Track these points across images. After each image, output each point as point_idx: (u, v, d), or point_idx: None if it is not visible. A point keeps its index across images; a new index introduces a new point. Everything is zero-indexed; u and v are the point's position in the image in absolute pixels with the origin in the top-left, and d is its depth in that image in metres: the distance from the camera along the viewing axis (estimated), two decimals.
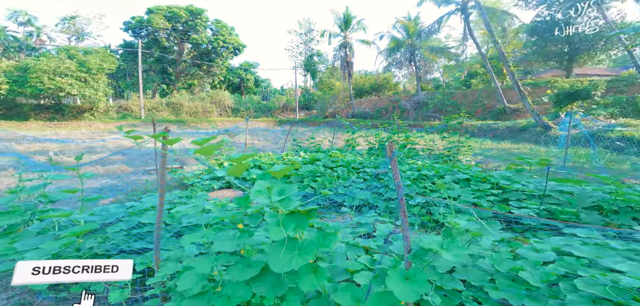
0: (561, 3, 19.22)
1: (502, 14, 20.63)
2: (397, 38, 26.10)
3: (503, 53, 13.65)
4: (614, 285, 1.46)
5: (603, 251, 1.91)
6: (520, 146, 11.75)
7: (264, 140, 13.74)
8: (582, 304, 1.47)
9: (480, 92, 23.98)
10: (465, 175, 4.06)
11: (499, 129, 16.10)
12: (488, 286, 1.75)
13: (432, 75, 33.89)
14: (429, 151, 6.87)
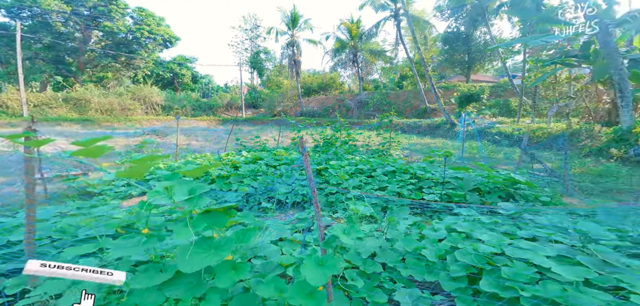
0: (464, 17, 22.87)
1: (424, 23, 23.45)
2: (342, 39, 27.18)
3: (423, 58, 15.63)
4: (476, 253, 1.87)
5: (475, 225, 2.38)
6: (437, 141, 13.61)
7: (203, 140, 12.69)
8: (459, 271, 1.80)
9: (409, 93, 26.57)
10: (392, 168, 4.57)
11: (422, 126, 18.29)
12: (400, 266, 1.98)
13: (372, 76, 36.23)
14: (367, 147, 7.45)
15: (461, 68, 27.21)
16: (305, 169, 1.19)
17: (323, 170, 3.93)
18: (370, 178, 4.20)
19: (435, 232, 2.35)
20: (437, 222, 2.64)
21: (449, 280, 1.82)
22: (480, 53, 24.84)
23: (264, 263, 1.82)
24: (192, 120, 22.84)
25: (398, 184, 4.08)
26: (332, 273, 1.04)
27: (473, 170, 4.38)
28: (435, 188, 3.99)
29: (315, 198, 1.23)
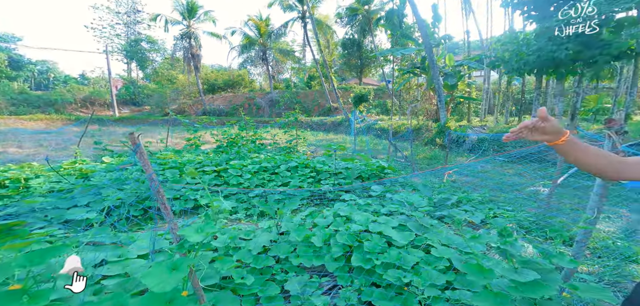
0: (357, 26, 26.16)
1: (327, 27, 25.32)
2: (250, 36, 25.72)
3: (325, 61, 16.98)
4: (349, 233, 2.20)
5: (353, 209, 2.82)
6: (338, 136, 15.17)
7: (34, 146, 9.24)
8: (338, 252, 2.01)
9: (316, 93, 28.12)
10: (295, 164, 4.75)
11: (327, 124, 19.85)
12: (292, 256, 2.05)
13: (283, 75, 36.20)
14: (275, 145, 7.42)
15: (356, 71, 30.57)
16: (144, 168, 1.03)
17: (222, 170, 3.63)
18: (275, 175, 4.22)
19: (324, 219, 2.52)
20: (328, 209, 2.93)
21: (332, 261, 2.02)
22: (368, 59, 28.82)
23: (118, 283, 1.48)
24: (12, 119, 16.14)
25: (300, 178, 4.29)
26: (183, 275, 0.96)
27: (358, 161, 5.14)
28: (330, 179, 4.43)
29: (162, 198, 1.09)
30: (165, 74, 27.25)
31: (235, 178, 3.39)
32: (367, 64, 29.38)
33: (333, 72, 30.43)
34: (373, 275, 1.86)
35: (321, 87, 24.00)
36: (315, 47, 22.31)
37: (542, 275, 1.13)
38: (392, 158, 7.00)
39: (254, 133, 6.11)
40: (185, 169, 3.52)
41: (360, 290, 1.80)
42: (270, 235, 2.20)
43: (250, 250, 1.94)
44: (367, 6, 21.49)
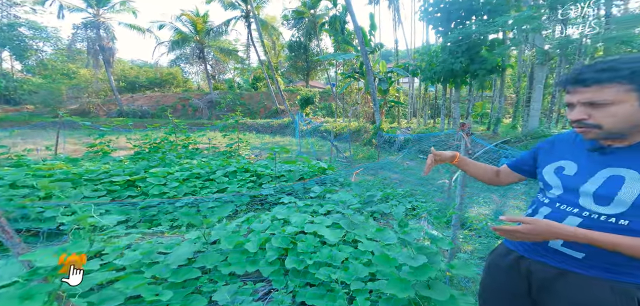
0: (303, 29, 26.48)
1: (272, 29, 24.81)
2: (184, 32, 23.05)
3: (270, 62, 16.62)
4: (283, 236, 2.22)
5: (291, 211, 2.86)
6: (285, 139, 15.04)
7: None
8: (273, 256, 1.99)
9: (262, 95, 27.45)
10: (233, 168, 4.48)
11: (274, 126, 19.52)
12: (222, 265, 1.94)
13: (226, 75, 33.89)
14: (214, 149, 6.83)
15: (303, 74, 31.08)
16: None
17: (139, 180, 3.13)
18: (209, 181, 3.89)
19: (261, 224, 2.45)
20: (266, 214, 2.87)
21: (267, 266, 1.99)
22: (314, 62, 29.56)
23: None
24: None
25: (238, 184, 4.07)
26: (39, 303, 0.81)
27: (300, 163, 5.21)
28: (272, 183, 4.35)
29: None
30: (58, 68, 21.56)
31: (157, 187, 2.96)
32: (313, 67, 30.06)
33: (280, 74, 30.12)
34: (307, 275, 1.92)
35: (267, 88, 23.42)
36: (261, 48, 21.56)
37: (429, 258, 1.38)
38: (334, 159, 7.36)
39: (186, 137, 5.46)
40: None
41: (294, 291, 1.83)
42: (195, 246, 2.02)
43: (168, 264, 1.73)
44: (313, 10, 22.03)
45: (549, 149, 0.90)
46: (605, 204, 0.71)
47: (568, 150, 0.83)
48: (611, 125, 0.68)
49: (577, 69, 0.72)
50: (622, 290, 0.69)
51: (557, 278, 0.77)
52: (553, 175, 0.83)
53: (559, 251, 0.77)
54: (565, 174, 0.80)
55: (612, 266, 0.70)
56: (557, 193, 0.81)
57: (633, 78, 0.64)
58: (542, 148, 0.93)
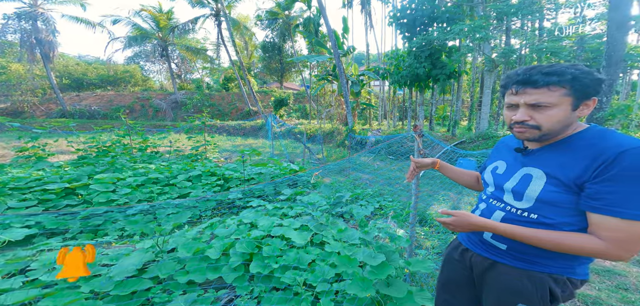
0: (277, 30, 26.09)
1: (245, 28, 24.03)
2: (144, 28, 21.21)
3: (242, 63, 16.07)
4: (249, 240, 2.14)
5: (259, 214, 2.78)
6: (258, 141, 14.62)
7: None
8: (237, 261, 1.92)
9: (234, 96, 26.52)
10: (198, 172, 4.22)
11: (246, 128, 18.93)
12: (179, 274, 1.80)
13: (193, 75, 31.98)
14: (177, 152, 6.38)
15: (277, 75, 30.67)
16: None
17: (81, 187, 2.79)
18: (169, 186, 3.61)
19: (226, 229, 2.35)
20: (232, 218, 2.75)
21: (231, 272, 1.90)
22: (289, 64, 29.34)
23: None
24: None
25: (204, 188, 3.85)
26: None
27: (271, 165, 5.10)
28: (241, 186, 4.19)
29: None
30: None
31: (103, 195, 2.65)
32: (288, 68, 29.84)
33: (253, 74, 29.36)
34: (273, 279, 1.87)
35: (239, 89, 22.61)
36: (232, 48, 20.71)
37: (388, 256, 1.43)
38: (306, 161, 7.35)
39: (143, 140, 5.00)
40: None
41: (260, 296, 1.77)
42: (147, 256, 1.85)
43: (111, 277, 1.56)
44: (287, 12, 21.84)
45: (494, 151, 0.98)
46: (519, 199, 0.78)
47: (504, 151, 0.91)
48: (548, 127, 0.72)
49: (525, 71, 0.73)
50: (538, 278, 0.76)
51: (489, 268, 0.84)
52: (490, 174, 0.91)
53: (490, 243, 0.84)
54: (497, 173, 0.88)
55: (529, 257, 0.77)
56: (491, 191, 0.88)
57: (573, 83, 0.68)
58: (492, 151, 1.01)
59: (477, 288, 0.90)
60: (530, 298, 0.75)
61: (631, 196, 0.62)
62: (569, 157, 0.71)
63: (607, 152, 0.65)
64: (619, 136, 0.67)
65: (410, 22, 9.17)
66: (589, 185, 0.67)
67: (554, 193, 0.71)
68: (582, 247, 0.67)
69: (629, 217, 0.62)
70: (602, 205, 0.65)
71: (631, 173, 0.62)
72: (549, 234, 0.70)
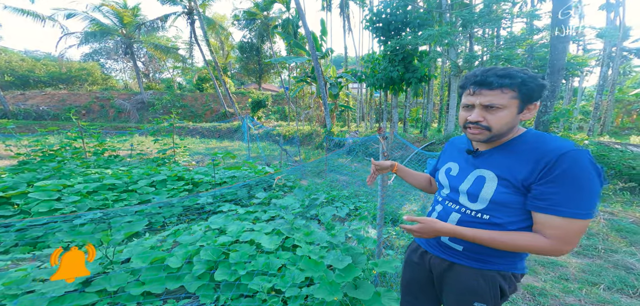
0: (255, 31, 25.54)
1: (220, 28, 23.17)
2: (105, 24, 19.54)
3: (218, 63, 15.45)
4: (214, 247, 2.02)
5: (229, 220, 2.65)
6: (235, 143, 14.13)
7: None
8: (201, 269, 1.81)
9: (208, 97, 25.47)
10: (163, 176, 3.94)
11: (222, 130, 18.28)
12: (132, 286, 1.64)
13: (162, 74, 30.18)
14: (141, 156, 5.93)
15: (255, 76, 30.12)
16: None
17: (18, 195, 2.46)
18: (128, 193, 3.31)
19: (191, 236, 2.22)
20: (199, 224, 2.59)
21: (194, 280, 1.79)
22: (267, 65, 28.89)
23: None
24: None
25: (169, 193, 3.60)
26: None
27: (245, 169, 4.93)
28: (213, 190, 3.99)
29: None
30: None
31: (44, 203, 2.34)
32: (266, 70, 29.45)
33: (229, 75, 28.51)
34: (240, 286, 1.78)
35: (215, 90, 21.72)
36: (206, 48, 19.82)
37: (355, 259, 1.43)
38: (284, 164, 7.24)
39: (99, 143, 4.55)
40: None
41: (225, 304, 1.68)
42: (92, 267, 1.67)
43: (44, 293, 1.37)
44: (266, 12, 21.48)
45: (444, 152, 1.01)
46: (474, 201, 0.80)
47: (455, 153, 0.93)
48: (497, 129, 0.75)
49: (482, 72, 0.75)
50: (490, 277, 0.80)
51: (447, 269, 0.87)
52: (444, 175, 0.92)
53: (447, 244, 0.87)
54: (451, 175, 0.89)
55: (482, 256, 0.81)
56: (446, 192, 0.90)
57: (521, 87, 0.71)
58: (442, 151, 1.03)
59: (437, 289, 0.92)
60: (485, 296, 0.79)
61: (571, 196, 0.66)
62: (515, 159, 0.74)
63: (549, 155, 0.68)
64: (556, 139, 0.71)
65: (385, 26, 9.49)
66: (534, 187, 0.70)
67: (505, 194, 0.74)
68: (530, 245, 0.71)
69: (570, 215, 0.66)
70: (547, 205, 0.68)
71: (570, 174, 0.66)
72: (504, 235, 0.73)
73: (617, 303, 1.81)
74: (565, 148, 0.68)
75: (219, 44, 27.10)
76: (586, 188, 0.65)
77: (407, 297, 1.02)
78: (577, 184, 0.65)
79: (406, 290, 1.02)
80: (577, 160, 0.66)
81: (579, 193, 0.66)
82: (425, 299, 0.97)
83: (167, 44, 24.69)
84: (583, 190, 0.65)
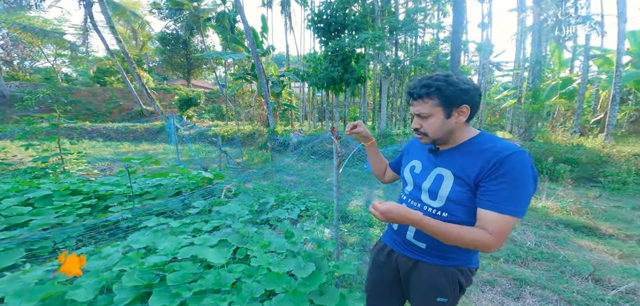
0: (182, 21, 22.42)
1: (132, 15, 19.29)
2: None
3: (127, 53, 12.77)
4: (143, 270, 1.62)
5: (157, 236, 2.18)
6: (158, 146, 12.06)
7: None
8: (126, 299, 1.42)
9: (114, 92, 21.08)
10: (46, 191, 2.96)
11: (138, 131, 15.48)
12: None
13: (38, 62, 23.27)
14: (6, 166, 4.32)
15: (182, 72, 26.81)
16: None
17: None
18: None
19: (105, 260, 1.77)
20: (115, 245, 2.06)
21: None
22: (198, 60, 25.97)
23: None
24: None
25: (57, 212, 2.72)
26: None
27: (176, 175, 4.22)
28: (129, 204, 3.23)
29: None
30: None
31: None
32: (197, 65, 26.53)
33: (146, 69, 24.38)
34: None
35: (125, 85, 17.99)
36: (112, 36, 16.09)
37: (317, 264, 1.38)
38: (224, 167, 6.58)
39: None
40: None
41: None
42: None
43: None
44: (196, 3, 19.10)
45: (408, 150, 1.04)
46: (434, 199, 0.83)
47: (419, 151, 0.96)
48: (432, 133, 0.81)
49: (412, 85, 0.82)
50: (450, 273, 0.85)
51: (412, 268, 0.90)
52: (408, 173, 0.95)
53: (411, 242, 0.89)
54: (415, 172, 0.92)
55: (444, 253, 0.85)
56: (409, 190, 0.93)
57: (438, 94, 0.76)
58: (405, 149, 1.06)
59: (404, 287, 0.96)
60: (446, 291, 0.85)
61: (510, 194, 0.70)
62: (468, 159, 0.79)
63: (498, 155, 0.73)
64: (504, 141, 0.78)
65: (325, 27, 9.84)
66: (482, 184, 0.75)
67: (460, 192, 0.78)
68: (475, 240, 0.73)
69: (508, 213, 0.70)
70: (490, 202, 0.72)
71: (512, 175, 0.71)
72: (452, 228, 0.74)
73: (513, 272, 2.29)
74: (511, 150, 0.73)
75: (130, 32, 22.88)
76: (523, 189, 0.71)
77: (375, 299, 1.03)
78: (516, 184, 0.71)
79: (373, 291, 1.03)
80: (520, 162, 0.72)
81: (517, 193, 0.71)
82: (391, 297, 0.99)
83: (44, 26, 18.92)
84: (520, 191, 0.71)
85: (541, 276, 2.25)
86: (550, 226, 3.33)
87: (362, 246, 2.56)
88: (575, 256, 2.58)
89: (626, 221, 3.48)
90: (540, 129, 8.04)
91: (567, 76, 9.75)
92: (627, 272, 2.30)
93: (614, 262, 2.50)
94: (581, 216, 3.57)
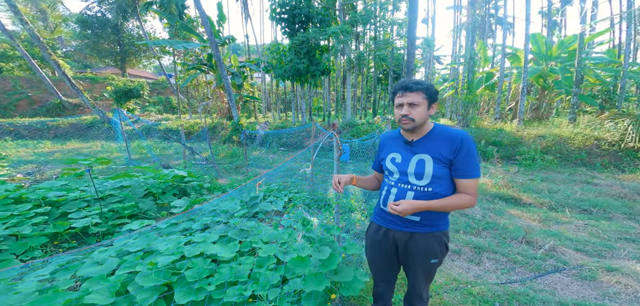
0: (112, 4, 19.10)
1: None
2: None
3: (38, 37, 10.38)
4: (157, 270, 1.61)
5: (151, 238, 2.11)
6: (92, 144, 10.43)
7: None
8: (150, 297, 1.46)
9: (17, 82, 17.29)
10: None
11: (61, 127, 13.01)
12: None
13: None
14: None
15: (113, 59, 23.02)
16: None
17: None
18: None
19: (100, 265, 1.72)
20: (101, 251, 1.93)
21: None
22: (134, 47, 22.65)
23: None
24: None
25: (5, 222, 2.34)
26: None
27: (142, 174, 3.86)
28: (93, 208, 2.90)
29: None
30: None
31: None
32: (135, 53, 23.13)
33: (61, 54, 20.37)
34: (212, 302, 1.54)
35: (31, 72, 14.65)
36: (11, 13, 12.71)
37: (331, 247, 1.60)
38: (190, 164, 6.16)
39: None
40: None
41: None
42: None
43: None
44: None
45: (383, 146, 1.28)
46: (420, 179, 1.10)
47: (394, 145, 1.21)
48: (418, 119, 1.08)
49: (407, 82, 1.11)
50: (438, 237, 1.13)
51: (409, 239, 1.15)
52: (391, 163, 1.18)
53: (408, 219, 1.15)
54: (397, 162, 1.16)
55: (433, 222, 1.12)
56: (396, 177, 1.17)
57: (426, 91, 1.08)
58: (380, 146, 1.30)
59: (401, 257, 1.20)
60: (437, 253, 1.13)
61: (473, 164, 1.06)
62: (438, 144, 1.09)
63: (457, 139, 1.07)
64: (454, 128, 1.11)
65: (290, 19, 9.72)
66: (455, 162, 1.07)
67: (440, 169, 1.08)
68: (463, 203, 1.08)
69: (475, 176, 1.07)
70: (465, 173, 1.06)
71: (470, 151, 1.06)
72: (448, 200, 1.07)
73: (471, 241, 2.77)
74: (463, 134, 1.09)
75: (35, 12, 18.78)
76: (476, 158, 1.09)
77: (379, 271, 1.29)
78: (473, 156, 1.07)
79: (375, 263, 1.28)
80: (470, 141, 1.08)
81: (475, 161, 1.07)
82: (389, 267, 1.26)
83: None
84: (476, 160, 1.08)
85: (491, 243, 2.78)
86: (489, 199, 4.14)
87: (347, 229, 2.85)
88: (510, 224, 3.21)
89: (538, 191, 4.40)
90: (474, 116, 9.59)
91: (490, 70, 11.60)
92: (546, 233, 2.96)
93: (536, 226, 3.17)
94: (509, 189, 4.49)
